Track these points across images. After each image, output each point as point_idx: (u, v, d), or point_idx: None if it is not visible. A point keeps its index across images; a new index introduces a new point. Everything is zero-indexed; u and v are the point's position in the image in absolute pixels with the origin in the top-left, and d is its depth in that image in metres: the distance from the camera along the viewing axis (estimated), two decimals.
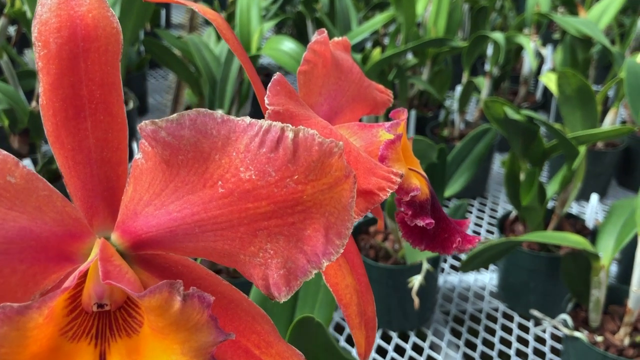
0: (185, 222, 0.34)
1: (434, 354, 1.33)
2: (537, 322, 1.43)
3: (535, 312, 1.25)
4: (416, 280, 1.25)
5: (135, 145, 2.07)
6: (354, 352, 1.30)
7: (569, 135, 1.27)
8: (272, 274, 0.34)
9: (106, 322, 0.35)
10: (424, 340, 1.37)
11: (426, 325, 1.42)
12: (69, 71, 0.36)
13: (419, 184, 0.45)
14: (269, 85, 0.42)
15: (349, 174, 0.33)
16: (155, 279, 0.38)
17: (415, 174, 0.47)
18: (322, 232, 0.33)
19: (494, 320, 1.45)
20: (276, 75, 0.42)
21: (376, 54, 1.69)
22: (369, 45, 2.32)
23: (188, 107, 2.02)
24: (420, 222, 0.45)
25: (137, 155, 0.35)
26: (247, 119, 0.33)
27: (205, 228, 0.34)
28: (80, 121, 0.36)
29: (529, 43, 1.64)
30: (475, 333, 1.41)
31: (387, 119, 1.51)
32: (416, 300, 1.22)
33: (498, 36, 1.66)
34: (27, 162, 1.41)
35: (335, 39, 0.58)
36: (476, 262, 1.25)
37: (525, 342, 1.38)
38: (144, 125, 0.33)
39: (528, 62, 2.15)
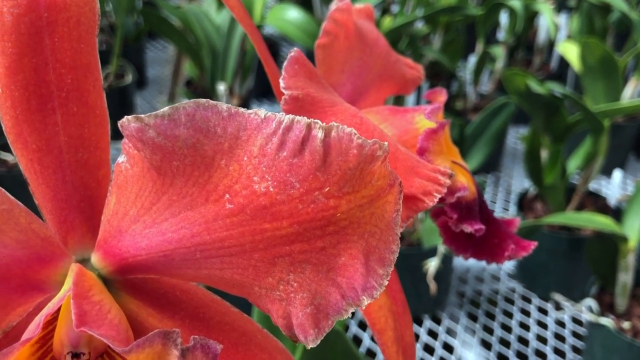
0: (183, 245, 0.26)
1: (450, 339, 1.27)
2: (558, 305, 1.37)
3: (558, 297, 1.19)
4: (432, 265, 1.18)
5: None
6: (365, 336, 1.24)
7: (595, 109, 1.18)
8: (297, 312, 0.26)
9: None
10: (439, 324, 1.31)
11: (441, 309, 1.35)
12: (30, 50, 0.28)
13: (466, 182, 0.38)
14: (285, 64, 0.34)
15: (393, 182, 0.26)
16: (148, 309, 0.31)
17: (459, 168, 0.39)
18: (361, 259, 0.25)
19: (512, 302, 1.39)
20: (293, 52, 0.34)
21: (387, 22, 1.59)
22: (376, 13, 2.21)
23: (189, 81, 1.93)
24: (468, 228, 0.37)
25: (121, 158, 0.27)
26: (262, 112, 0.25)
27: (209, 253, 0.26)
28: (48, 114, 0.28)
29: (549, 11, 1.54)
30: (492, 316, 1.34)
31: (397, 99, 1.42)
32: (432, 286, 1.16)
33: (515, 3, 1.56)
34: None
35: (357, 5, 0.49)
36: None
37: (544, 326, 1.32)
38: (126, 121, 0.25)
39: (544, 31, 2.05)
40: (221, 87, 1.61)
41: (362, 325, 1.29)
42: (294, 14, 1.64)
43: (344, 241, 0.25)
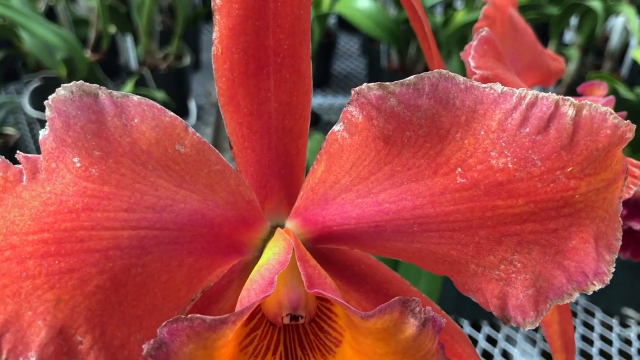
0: (400, 217, 0.26)
1: (509, 347, 1.25)
2: (623, 321, 1.33)
3: (630, 312, 1.16)
4: None
5: (192, 106, 1.99)
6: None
7: None
8: (516, 293, 0.26)
9: (294, 337, 0.28)
10: (498, 331, 1.29)
11: None
12: (254, 13, 0.28)
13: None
14: (475, 44, 0.34)
15: (625, 167, 0.25)
16: (335, 280, 0.31)
17: None
18: (592, 243, 0.25)
19: (574, 314, 1.36)
20: (484, 32, 0.34)
21: (460, 16, 1.57)
22: (439, 9, 2.19)
23: None
24: (637, 225, 0.36)
25: (337, 127, 0.27)
26: (498, 87, 0.25)
27: (428, 227, 0.26)
28: (263, 79, 0.28)
29: (633, 13, 1.50)
30: None
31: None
32: None
33: (596, 4, 1.53)
34: None
35: None
36: None
37: (609, 342, 1.29)
38: (366, 89, 0.25)
39: (617, 35, 2.00)
40: None
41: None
42: (364, 2, 1.63)
43: (577, 224, 0.25)
